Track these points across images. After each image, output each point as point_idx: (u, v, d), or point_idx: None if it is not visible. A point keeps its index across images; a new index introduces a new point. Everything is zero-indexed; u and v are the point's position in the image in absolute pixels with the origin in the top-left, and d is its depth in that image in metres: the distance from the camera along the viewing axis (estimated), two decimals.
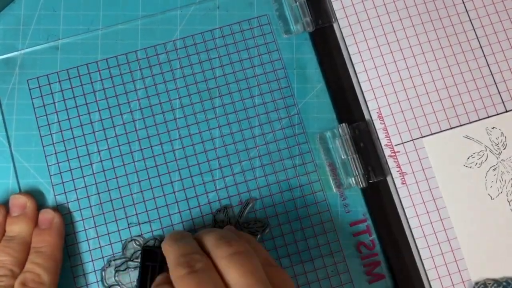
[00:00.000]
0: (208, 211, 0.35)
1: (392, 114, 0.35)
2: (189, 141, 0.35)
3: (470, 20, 0.37)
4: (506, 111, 0.35)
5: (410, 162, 0.35)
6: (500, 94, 0.36)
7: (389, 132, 0.35)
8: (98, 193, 0.35)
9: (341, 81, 0.36)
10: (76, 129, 0.36)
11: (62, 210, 0.35)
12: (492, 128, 0.35)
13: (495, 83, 0.36)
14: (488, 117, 0.35)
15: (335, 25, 0.37)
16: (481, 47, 0.36)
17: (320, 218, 0.35)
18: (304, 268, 0.34)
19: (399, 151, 0.35)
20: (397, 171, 0.35)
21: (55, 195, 0.35)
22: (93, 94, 0.36)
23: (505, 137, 0.35)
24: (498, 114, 0.35)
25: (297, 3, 0.37)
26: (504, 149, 0.35)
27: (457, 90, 0.36)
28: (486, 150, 0.35)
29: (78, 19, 0.37)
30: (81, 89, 0.36)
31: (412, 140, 0.35)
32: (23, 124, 0.36)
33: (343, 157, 0.35)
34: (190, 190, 0.35)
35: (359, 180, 0.34)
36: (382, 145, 0.35)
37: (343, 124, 0.35)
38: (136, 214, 0.35)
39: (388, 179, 0.35)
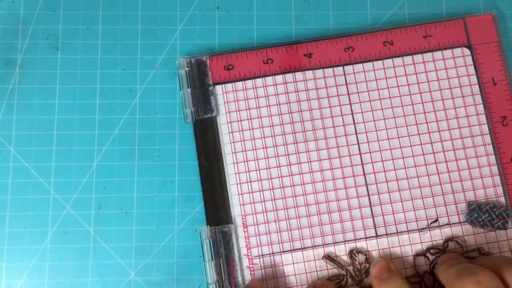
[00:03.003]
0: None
1: (257, 224, 0.34)
2: None
3: (356, 134, 0.35)
4: (376, 237, 0.33)
5: (266, 279, 0.33)
6: (373, 218, 0.33)
7: (250, 242, 0.34)
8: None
9: (213, 179, 0.35)
10: (78, 128, 0.36)
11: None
12: (357, 253, 0.33)
13: (370, 206, 0.34)
14: (355, 240, 0.33)
15: (217, 119, 0.35)
16: (362, 164, 0.34)
17: None
18: None
19: (257, 263, 0.33)
20: None
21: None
22: (93, 94, 0.36)
23: (369, 264, 0.33)
24: (365, 238, 0.33)
25: (182, 91, 0.35)
26: (366, 277, 0.33)
27: (328, 208, 0.34)
28: (347, 275, 0.33)
29: (77, 19, 0.37)
30: (81, 89, 0.36)
31: (272, 254, 0.34)
32: (23, 124, 0.36)
33: (205, 261, 0.33)
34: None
35: None
36: (242, 254, 0.33)
37: (205, 226, 0.34)
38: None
39: None
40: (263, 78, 0.36)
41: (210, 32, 0.37)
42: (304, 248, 0.34)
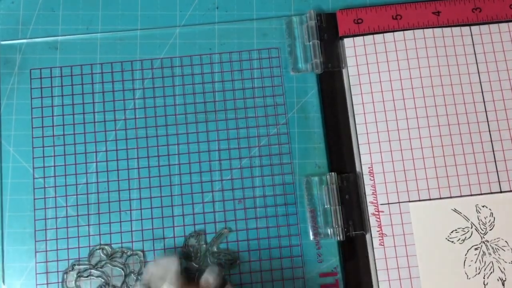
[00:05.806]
0: (181, 233, 0.34)
1: (384, 172, 0.35)
2: (176, 159, 0.35)
3: (482, 92, 0.35)
4: (501, 192, 0.34)
5: (392, 225, 0.34)
6: (497, 173, 0.34)
7: (376, 190, 0.34)
8: (76, 195, 0.35)
9: (339, 129, 0.36)
10: (78, 128, 0.36)
11: (38, 205, 0.35)
12: (482, 206, 0.34)
13: (495, 161, 0.35)
14: (481, 194, 0.34)
15: (344, 71, 0.36)
16: (487, 121, 0.35)
17: (291, 262, 0.34)
18: None
19: (383, 211, 0.34)
20: (377, 231, 0.34)
21: (34, 188, 0.35)
22: (91, 95, 0.36)
23: (494, 218, 0.34)
24: (491, 193, 0.34)
25: (310, 42, 0.36)
26: (490, 230, 0.34)
27: (454, 161, 0.35)
28: (471, 228, 0.34)
29: (77, 19, 0.37)
30: (81, 89, 0.37)
31: (399, 202, 0.34)
32: (22, 124, 0.36)
33: (325, 206, 0.34)
34: (167, 208, 0.35)
35: (338, 232, 0.34)
36: (368, 201, 0.34)
37: (333, 173, 0.35)
38: (110, 223, 0.34)
39: (367, 237, 0.34)
40: (393, 33, 0.36)
41: (210, 32, 0.37)
42: (431, 198, 0.35)
